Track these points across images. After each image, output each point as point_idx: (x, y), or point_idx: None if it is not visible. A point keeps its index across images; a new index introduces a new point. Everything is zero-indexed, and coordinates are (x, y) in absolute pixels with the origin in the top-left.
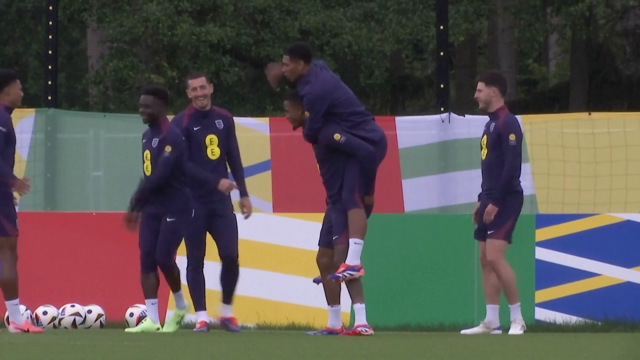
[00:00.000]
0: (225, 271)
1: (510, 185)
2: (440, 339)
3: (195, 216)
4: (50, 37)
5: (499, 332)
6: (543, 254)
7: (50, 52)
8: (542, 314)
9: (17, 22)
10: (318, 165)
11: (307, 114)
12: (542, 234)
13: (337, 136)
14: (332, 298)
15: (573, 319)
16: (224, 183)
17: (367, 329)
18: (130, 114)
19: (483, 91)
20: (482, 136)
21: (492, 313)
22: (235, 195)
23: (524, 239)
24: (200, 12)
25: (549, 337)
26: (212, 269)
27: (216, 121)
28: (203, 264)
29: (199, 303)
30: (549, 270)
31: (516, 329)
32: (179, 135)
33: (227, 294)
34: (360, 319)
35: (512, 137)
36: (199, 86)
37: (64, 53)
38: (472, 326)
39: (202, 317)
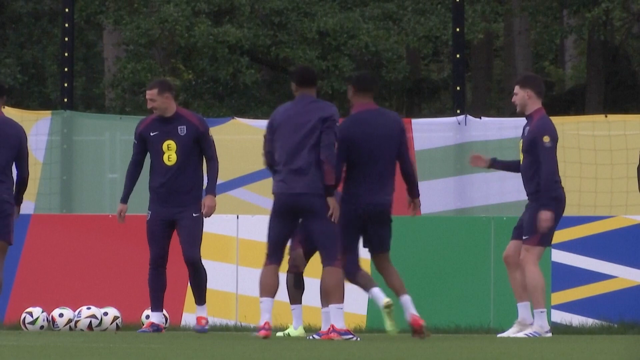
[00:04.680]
0: (190, 274)
1: (552, 187)
2: (456, 342)
3: (153, 217)
4: (66, 39)
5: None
6: (559, 256)
7: (66, 54)
8: (558, 316)
9: (34, 25)
10: None
11: None
12: (558, 236)
13: None
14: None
15: (589, 321)
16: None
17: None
18: (146, 116)
19: (518, 94)
20: (520, 140)
21: (523, 310)
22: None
23: None
24: (217, 14)
25: (564, 339)
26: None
27: (179, 127)
28: (163, 264)
29: (155, 304)
30: (565, 273)
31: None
32: None
33: (197, 296)
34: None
35: (545, 138)
36: (149, 99)
37: (80, 56)
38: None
39: (152, 318)
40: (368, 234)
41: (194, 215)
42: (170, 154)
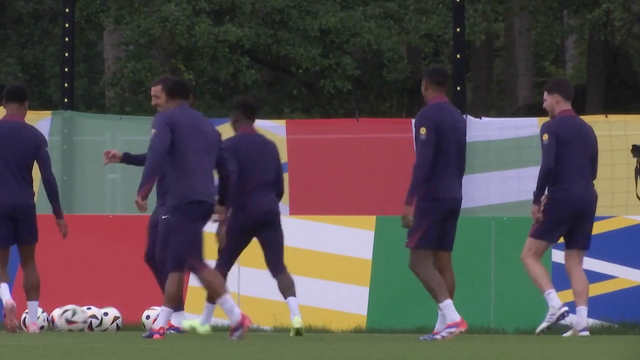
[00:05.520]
0: None
1: (543, 185)
2: (457, 342)
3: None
4: (66, 39)
5: (587, 333)
6: (559, 257)
7: (66, 54)
8: None
9: (34, 24)
10: None
11: None
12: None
13: None
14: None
15: (589, 322)
16: None
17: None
18: (146, 116)
19: (547, 100)
20: None
21: (578, 314)
22: None
23: None
24: (218, 13)
25: (565, 339)
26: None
27: None
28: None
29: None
30: (565, 273)
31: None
32: None
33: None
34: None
35: (544, 137)
36: (153, 95)
37: (80, 56)
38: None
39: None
40: (444, 231)
41: (162, 217)
42: None
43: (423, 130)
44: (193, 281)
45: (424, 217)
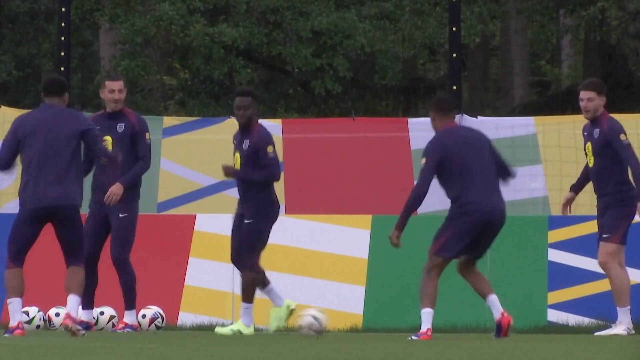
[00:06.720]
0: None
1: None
2: (454, 342)
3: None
4: (62, 38)
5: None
6: (555, 256)
7: (62, 53)
8: (554, 316)
9: (30, 23)
10: None
11: None
12: (554, 235)
13: None
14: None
15: (586, 321)
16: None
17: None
18: (142, 115)
19: (594, 100)
20: (585, 143)
21: (623, 314)
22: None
23: (536, 240)
24: (213, 13)
25: (563, 339)
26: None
27: (119, 124)
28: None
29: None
30: (562, 272)
31: (619, 330)
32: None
33: (124, 299)
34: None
35: (622, 136)
36: (117, 89)
37: (77, 55)
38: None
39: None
40: (479, 241)
41: (120, 215)
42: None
43: (423, 160)
44: (189, 280)
45: (449, 227)
